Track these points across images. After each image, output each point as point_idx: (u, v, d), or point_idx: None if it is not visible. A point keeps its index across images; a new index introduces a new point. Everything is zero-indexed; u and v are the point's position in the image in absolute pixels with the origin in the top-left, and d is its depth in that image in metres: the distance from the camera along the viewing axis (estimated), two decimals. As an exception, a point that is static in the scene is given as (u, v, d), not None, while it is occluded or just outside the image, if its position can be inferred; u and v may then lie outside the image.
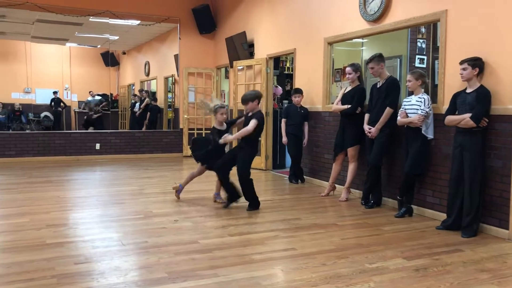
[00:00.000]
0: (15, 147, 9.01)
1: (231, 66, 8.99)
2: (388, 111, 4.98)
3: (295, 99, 6.66)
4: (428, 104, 4.57)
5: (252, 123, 4.76)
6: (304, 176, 6.85)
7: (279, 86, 8.75)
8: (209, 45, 10.24)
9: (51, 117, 14.25)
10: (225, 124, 5.19)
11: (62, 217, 4.69)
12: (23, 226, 4.24)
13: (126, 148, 9.82)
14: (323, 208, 5.24)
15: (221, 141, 4.89)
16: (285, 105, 7.81)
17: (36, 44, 13.80)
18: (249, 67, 8.39)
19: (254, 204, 5.01)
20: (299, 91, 6.66)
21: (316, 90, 6.66)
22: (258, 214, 4.84)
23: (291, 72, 8.88)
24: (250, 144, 4.90)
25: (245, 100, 4.92)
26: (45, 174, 7.48)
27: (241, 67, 8.59)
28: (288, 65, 9.61)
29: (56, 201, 5.44)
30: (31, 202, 5.30)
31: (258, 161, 8.12)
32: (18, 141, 9.06)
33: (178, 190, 5.42)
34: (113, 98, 14.03)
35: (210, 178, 5.83)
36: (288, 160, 8.00)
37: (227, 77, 10.81)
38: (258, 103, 4.90)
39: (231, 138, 4.90)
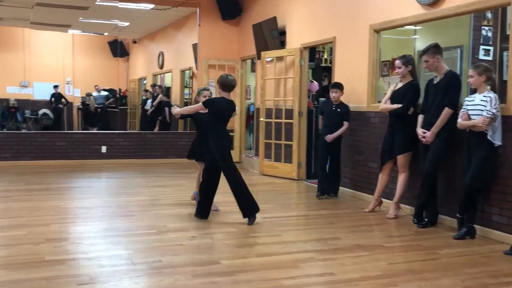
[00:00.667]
0: (10, 149, 9.25)
1: (259, 58, 9.04)
2: (446, 112, 4.91)
3: (331, 94, 6.58)
4: (495, 104, 4.49)
5: (198, 104, 5.33)
6: (345, 188, 6.80)
7: (314, 81, 8.73)
8: (233, 33, 10.32)
9: (51, 115, 14.59)
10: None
11: (63, 231, 4.80)
12: (20, 239, 4.35)
13: (136, 151, 9.97)
14: (367, 226, 5.21)
15: (173, 112, 5.64)
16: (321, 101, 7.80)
17: (34, 31, 14.15)
18: (280, 58, 8.41)
19: (250, 210, 5.05)
20: (337, 86, 6.58)
21: (359, 86, 6.62)
22: (289, 232, 4.84)
23: (329, 65, 8.86)
24: (215, 134, 5.13)
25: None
26: (44, 181, 7.67)
27: (270, 58, 8.61)
28: (325, 56, 9.59)
29: (56, 212, 5.56)
30: (28, 213, 5.44)
31: (289, 170, 8.12)
32: (14, 142, 9.31)
33: (196, 198, 5.68)
34: (121, 94, 14.29)
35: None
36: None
37: (253, 70, 10.83)
38: (224, 90, 5.18)
39: (178, 110, 5.62)
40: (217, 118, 5.16)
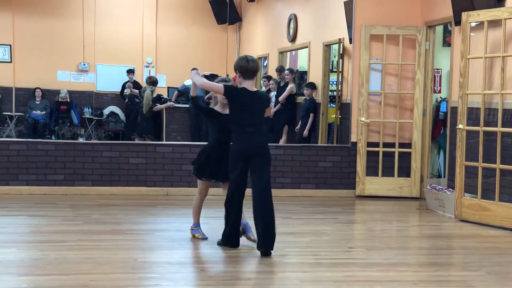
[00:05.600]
0: (63, 167, 9.71)
1: (457, 23, 8.85)
2: None
3: None
4: None
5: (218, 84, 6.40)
6: None
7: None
8: (413, -17, 10.23)
9: (122, 115, 15.27)
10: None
11: (144, 299, 4.97)
12: (80, 310, 4.58)
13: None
14: None
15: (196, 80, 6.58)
16: None
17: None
18: (495, 23, 8.17)
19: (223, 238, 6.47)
20: None
21: None
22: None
23: None
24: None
25: None
26: (113, 219, 8.00)
27: (477, 23, 8.40)
28: None
29: (133, 267, 5.75)
30: (91, 268, 5.65)
31: (511, 214, 7.77)
32: (68, 157, 9.74)
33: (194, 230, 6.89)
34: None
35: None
36: None
37: (447, 43, 10.60)
38: (243, 77, 6.23)
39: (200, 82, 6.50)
40: (230, 117, 6.36)
